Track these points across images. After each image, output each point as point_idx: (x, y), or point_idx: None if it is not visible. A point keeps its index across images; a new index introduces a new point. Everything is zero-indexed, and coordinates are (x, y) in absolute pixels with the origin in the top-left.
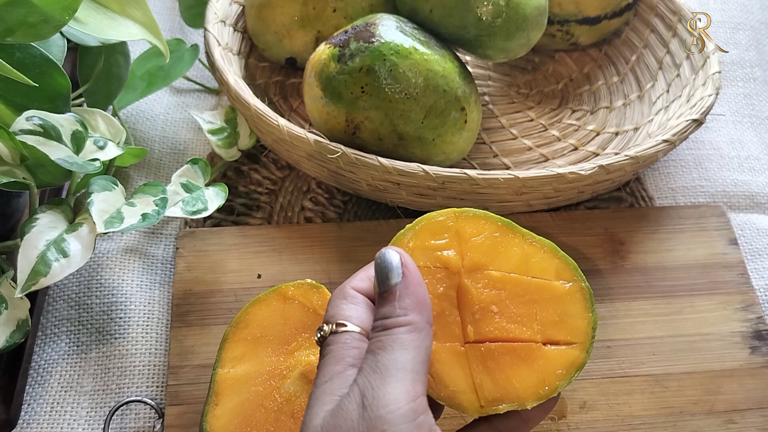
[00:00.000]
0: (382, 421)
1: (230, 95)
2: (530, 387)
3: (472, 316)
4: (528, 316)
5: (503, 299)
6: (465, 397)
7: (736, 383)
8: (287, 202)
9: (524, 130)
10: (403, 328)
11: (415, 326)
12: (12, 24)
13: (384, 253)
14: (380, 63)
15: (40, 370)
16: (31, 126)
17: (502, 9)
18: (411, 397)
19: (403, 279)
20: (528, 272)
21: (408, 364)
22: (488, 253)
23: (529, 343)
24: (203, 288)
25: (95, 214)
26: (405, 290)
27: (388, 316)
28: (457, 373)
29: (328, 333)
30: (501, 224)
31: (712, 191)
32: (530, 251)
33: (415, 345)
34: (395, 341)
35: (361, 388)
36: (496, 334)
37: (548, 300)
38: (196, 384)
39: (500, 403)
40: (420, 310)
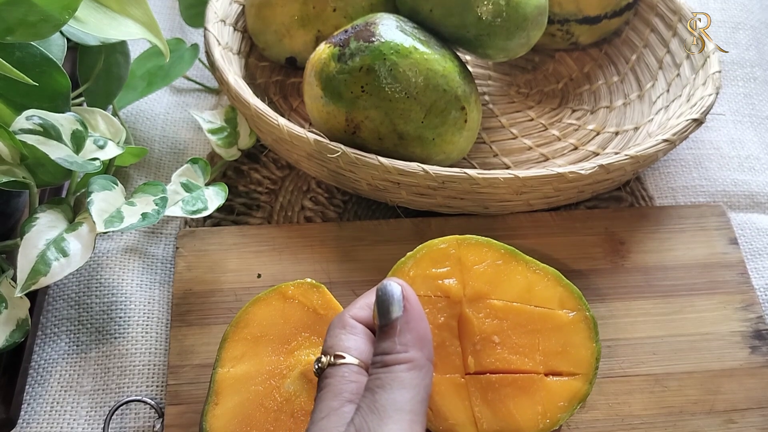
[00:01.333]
0: None
1: (230, 95)
2: (531, 419)
3: (473, 347)
4: (530, 346)
5: (505, 329)
6: (464, 430)
7: (736, 383)
8: (287, 201)
9: (524, 129)
10: (403, 366)
11: (416, 363)
12: (12, 23)
13: (386, 285)
14: (380, 62)
15: (39, 369)
16: (31, 125)
17: (503, 8)
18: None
19: (404, 313)
20: (531, 301)
21: (407, 404)
22: (490, 281)
23: (530, 375)
24: (203, 287)
25: (95, 213)
26: (406, 325)
27: (388, 352)
28: (457, 406)
29: (326, 365)
30: (504, 252)
31: (712, 191)
32: (533, 279)
33: (414, 384)
34: (394, 380)
35: (357, 428)
36: (497, 365)
37: (551, 329)
38: (196, 383)
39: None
40: (421, 347)
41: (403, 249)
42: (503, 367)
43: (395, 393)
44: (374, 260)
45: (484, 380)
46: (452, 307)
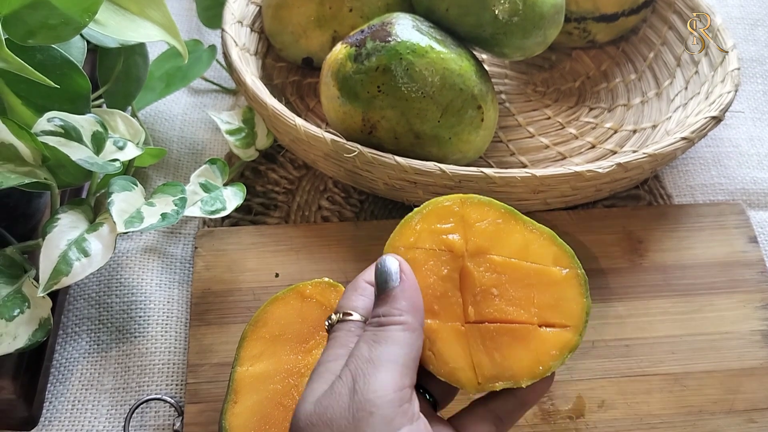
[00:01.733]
0: (370, 404)
1: (247, 95)
2: (526, 366)
3: (473, 298)
4: (526, 299)
5: (503, 283)
6: (464, 374)
7: (756, 382)
8: (304, 201)
9: (541, 128)
10: (398, 327)
11: (409, 326)
12: (33, 26)
13: (384, 259)
14: (396, 62)
15: (61, 368)
16: (52, 127)
17: (519, 7)
18: (398, 387)
19: (400, 283)
20: (527, 258)
21: (399, 358)
22: (491, 238)
23: (525, 325)
24: (222, 287)
25: (115, 213)
26: (402, 293)
27: (384, 314)
28: (457, 351)
29: (335, 321)
30: (504, 211)
31: (731, 189)
32: (530, 238)
33: (407, 342)
34: (389, 337)
35: (353, 373)
36: (495, 315)
37: (545, 285)
38: (215, 382)
39: (497, 381)
40: (414, 313)
41: None
42: (501, 318)
43: (389, 347)
44: None
45: (483, 329)
46: (455, 261)
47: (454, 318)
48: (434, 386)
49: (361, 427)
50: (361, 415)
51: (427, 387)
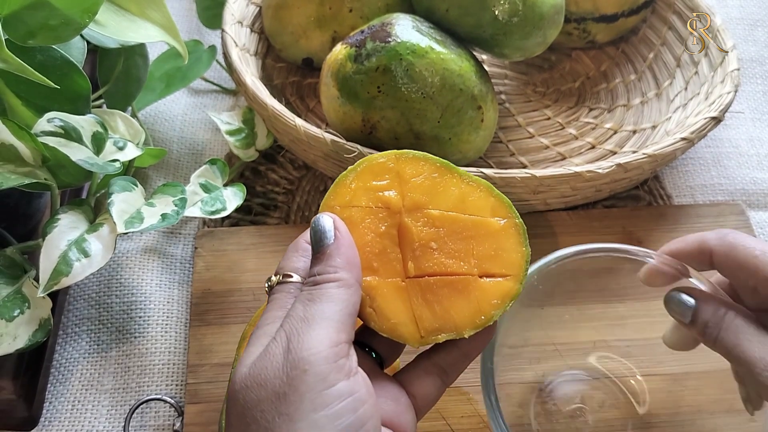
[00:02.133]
0: (304, 362)
1: (247, 96)
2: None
3: (413, 253)
4: (465, 251)
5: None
6: (406, 329)
7: None
8: (304, 201)
9: (541, 128)
10: (333, 284)
11: (344, 282)
12: (33, 27)
13: (318, 217)
14: (396, 62)
15: (61, 368)
16: (52, 128)
17: (519, 8)
18: (333, 343)
19: (335, 241)
20: (465, 210)
21: (335, 315)
22: (427, 192)
23: (465, 277)
24: (222, 287)
25: (115, 214)
26: (336, 250)
27: (319, 273)
28: (398, 307)
29: (275, 283)
30: (440, 165)
31: (731, 189)
32: (467, 191)
33: (342, 299)
34: (324, 294)
35: (287, 333)
36: (435, 269)
37: (484, 236)
38: (215, 382)
39: (439, 333)
40: (350, 269)
41: None
42: (440, 271)
43: (324, 305)
44: None
45: (423, 283)
46: (392, 217)
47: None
48: (379, 344)
49: (294, 385)
50: (295, 373)
51: (372, 345)
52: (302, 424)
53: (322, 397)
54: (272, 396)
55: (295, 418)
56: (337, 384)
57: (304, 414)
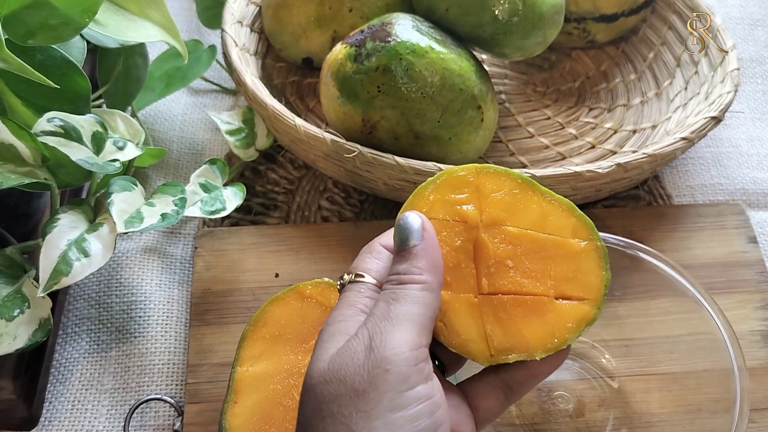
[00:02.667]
0: (386, 362)
1: (247, 95)
2: (540, 338)
3: (487, 270)
4: (542, 271)
5: (518, 254)
6: (476, 345)
7: (755, 382)
8: (304, 201)
9: (541, 128)
10: (417, 285)
11: (429, 285)
12: (33, 26)
13: (406, 215)
14: (396, 62)
15: (61, 368)
16: (52, 127)
17: (519, 7)
18: (415, 346)
19: (421, 242)
20: (545, 229)
21: (417, 317)
22: (507, 209)
23: (541, 297)
24: (222, 287)
25: (115, 214)
26: (423, 251)
27: (404, 272)
28: (470, 323)
29: (347, 282)
30: (521, 181)
31: (731, 189)
32: (548, 209)
33: (425, 302)
34: (408, 295)
35: (370, 331)
36: (510, 287)
37: (563, 257)
38: (214, 382)
39: (510, 353)
40: (434, 273)
41: None
42: (515, 290)
43: (407, 306)
44: None
45: (497, 300)
46: (469, 232)
47: (467, 289)
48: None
49: (375, 384)
50: (377, 372)
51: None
52: (379, 422)
53: (402, 398)
54: (351, 392)
55: (373, 415)
56: (416, 386)
57: (382, 412)
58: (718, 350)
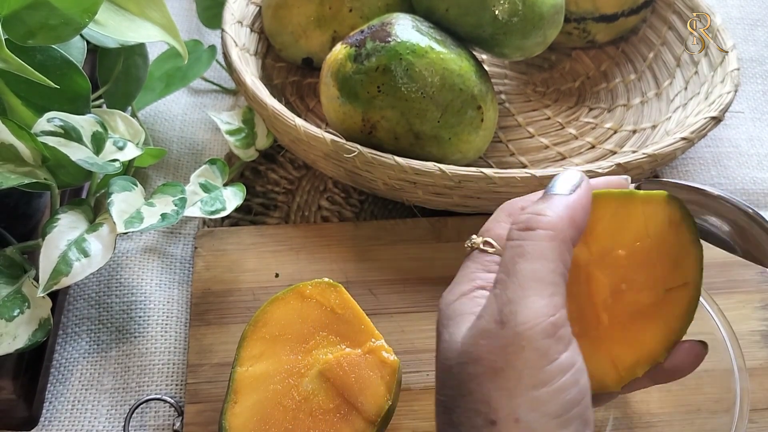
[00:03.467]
0: (521, 338)
1: (247, 95)
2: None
3: (604, 302)
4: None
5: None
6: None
7: (755, 382)
8: (304, 201)
9: (541, 128)
10: (547, 233)
11: (559, 234)
12: (33, 27)
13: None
14: (396, 62)
15: (61, 368)
16: (52, 127)
17: (519, 7)
18: (550, 312)
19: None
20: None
21: (548, 275)
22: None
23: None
24: (221, 287)
25: (115, 214)
26: (564, 202)
27: (538, 213)
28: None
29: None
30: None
31: (731, 189)
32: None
33: (556, 255)
34: (536, 248)
35: (499, 303)
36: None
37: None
38: (214, 382)
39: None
40: (572, 227)
41: (419, 248)
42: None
43: (535, 263)
44: (391, 259)
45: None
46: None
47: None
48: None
49: (511, 362)
50: (512, 350)
51: None
52: (522, 400)
53: (544, 373)
54: (489, 372)
55: (515, 394)
56: (558, 358)
57: (523, 390)
58: (718, 350)
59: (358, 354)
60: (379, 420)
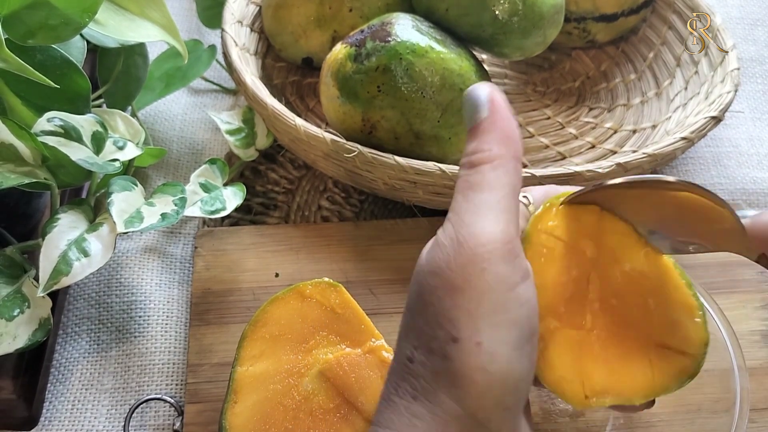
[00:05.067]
0: (481, 259)
1: (247, 95)
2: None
3: (592, 306)
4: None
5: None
6: (570, 386)
7: (755, 382)
8: (304, 201)
9: (541, 128)
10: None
11: (500, 162)
12: (33, 26)
13: (473, 87)
14: (396, 62)
15: (61, 368)
16: (52, 127)
17: (519, 7)
18: (507, 239)
19: (489, 114)
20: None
21: (498, 203)
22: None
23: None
24: (222, 287)
25: (115, 214)
26: (491, 125)
27: (474, 152)
28: (568, 359)
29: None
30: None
31: (731, 189)
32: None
33: (503, 182)
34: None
35: (453, 224)
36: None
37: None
38: (214, 382)
39: (606, 396)
40: (506, 144)
41: (419, 248)
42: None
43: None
44: (391, 259)
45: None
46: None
47: (574, 325)
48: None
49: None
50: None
51: None
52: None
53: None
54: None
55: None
56: (517, 288)
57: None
58: (718, 350)
59: (358, 354)
60: None
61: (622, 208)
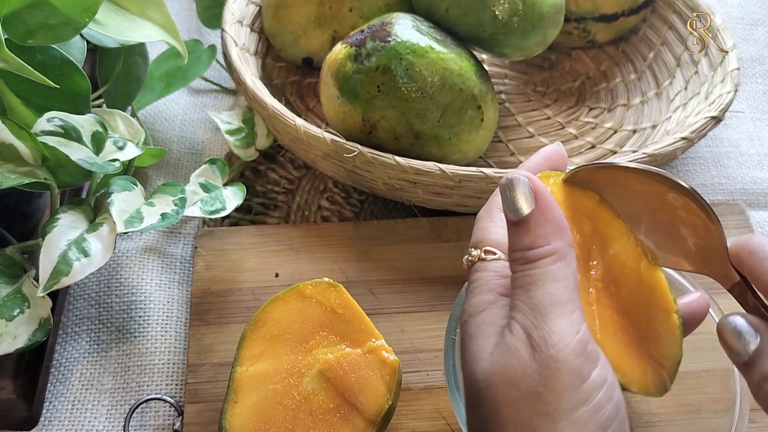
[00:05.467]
0: (554, 361)
1: (247, 95)
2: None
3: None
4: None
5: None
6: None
7: None
8: (304, 201)
9: (541, 128)
10: (548, 259)
11: (560, 254)
12: (33, 26)
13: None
14: (396, 62)
15: (61, 368)
16: (52, 127)
17: (519, 7)
18: (575, 329)
19: (536, 206)
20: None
21: (563, 295)
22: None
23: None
24: (222, 287)
25: (115, 214)
26: (542, 217)
27: (529, 247)
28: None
29: (476, 259)
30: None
31: (731, 189)
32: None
33: (564, 274)
34: (544, 274)
35: (523, 327)
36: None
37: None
38: (214, 382)
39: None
40: (561, 236)
41: (419, 248)
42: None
43: (548, 287)
44: (391, 259)
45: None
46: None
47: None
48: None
49: (549, 386)
50: (548, 373)
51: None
52: (564, 424)
53: (580, 393)
54: (527, 395)
55: (556, 418)
56: (591, 375)
57: (565, 413)
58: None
59: (358, 354)
60: (379, 420)
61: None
